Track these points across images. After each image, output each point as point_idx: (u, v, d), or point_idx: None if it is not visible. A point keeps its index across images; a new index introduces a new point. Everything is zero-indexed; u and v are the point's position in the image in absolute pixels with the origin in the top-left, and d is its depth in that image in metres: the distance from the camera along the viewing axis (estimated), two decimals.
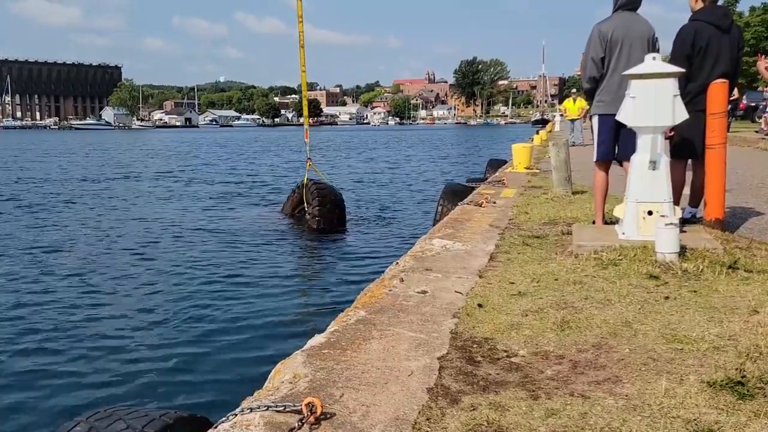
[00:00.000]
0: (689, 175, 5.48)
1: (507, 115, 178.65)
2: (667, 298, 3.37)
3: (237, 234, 11.64)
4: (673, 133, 5.12)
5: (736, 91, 5.39)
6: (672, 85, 4.34)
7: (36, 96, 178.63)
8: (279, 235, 11.71)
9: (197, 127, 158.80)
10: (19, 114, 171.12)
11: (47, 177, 23.63)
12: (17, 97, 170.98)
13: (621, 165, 5.15)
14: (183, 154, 40.83)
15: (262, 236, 11.50)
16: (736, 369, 2.36)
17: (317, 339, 2.89)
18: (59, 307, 7.04)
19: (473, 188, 10.13)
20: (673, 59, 5.07)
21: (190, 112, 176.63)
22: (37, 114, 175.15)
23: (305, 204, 12.51)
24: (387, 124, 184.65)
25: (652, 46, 4.95)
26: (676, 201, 4.83)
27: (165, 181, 22.42)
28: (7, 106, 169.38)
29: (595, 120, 5.20)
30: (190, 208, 15.24)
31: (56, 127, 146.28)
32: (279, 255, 10.01)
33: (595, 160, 5.27)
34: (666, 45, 5.47)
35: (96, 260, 9.46)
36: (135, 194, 18.31)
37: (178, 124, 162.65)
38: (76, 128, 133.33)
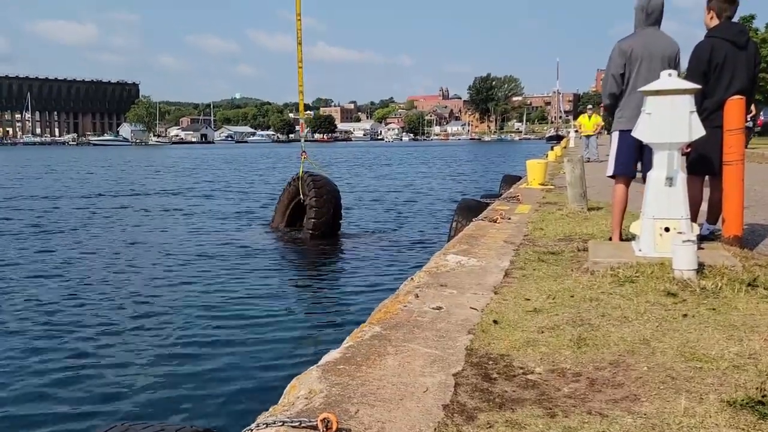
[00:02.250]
0: (707, 192, 5.44)
1: (521, 131, 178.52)
2: (685, 315, 3.33)
3: (246, 249, 11.67)
4: (689, 149, 5.10)
5: (753, 107, 5.35)
6: (688, 102, 4.33)
7: (55, 112, 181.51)
8: (288, 250, 11.74)
9: (213, 143, 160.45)
10: (38, 130, 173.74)
11: (45, 194, 23.34)
12: (37, 113, 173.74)
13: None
14: (189, 170, 41.09)
15: (272, 251, 11.55)
16: (757, 388, 2.32)
17: (332, 354, 2.89)
18: (68, 323, 7.00)
19: (488, 204, 10.10)
20: (689, 76, 5.06)
21: (206, 128, 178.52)
22: (56, 130, 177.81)
23: (302, 195, 12.59)
24: (401, 140, 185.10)
25: (675, 64, 4.94)
26: (694, 217, 4.80)
27: (167, 197, 22.41)
28: (27, 122, 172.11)
29: (615, 135, 5.21)
30: (195, 224, 15.25)
31: (74, 143, 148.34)
32: (290, 270, 10.05)
33: (608, 174, 5.28)
34: (683, 60, 5.47)
35: (108, 276, 9.50)
36: (147, 211, 18.45)
37: (193, 140, 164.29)
38: (94, 144, 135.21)
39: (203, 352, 6.08)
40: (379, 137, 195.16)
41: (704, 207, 5.44)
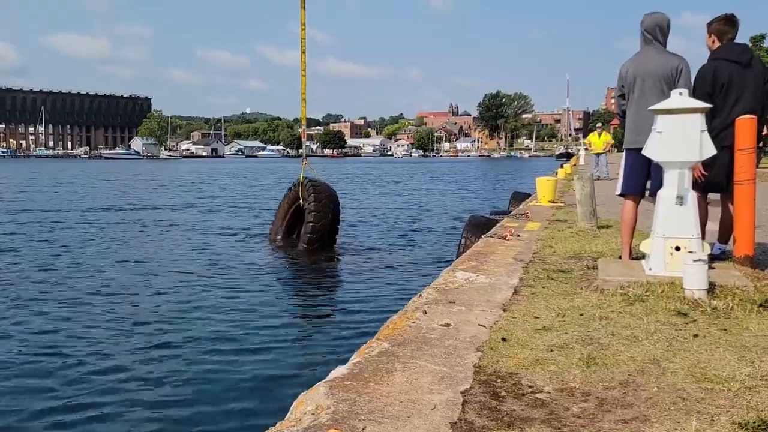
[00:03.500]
0: (712, 211, 5.41)
1: (530, 149, 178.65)
2: (696, 335, 3.30)
3: (251, 264, 11.68)
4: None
5: (766, 128, 5.33)
6: (699, 121, 4.32)
7: (68, 126, 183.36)
8: (294, 265, 11.75)
9: (223, 157, 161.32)
10: (51, 143, 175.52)
11: (47, 207, 23.22)
12: (50, 126, 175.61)
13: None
14: (193, 184, 41.24)
15: (277, 266, 11.56)
16: None
17: (340, 370, 2.88)
18: (70, 343, 6.84)
19: (497, 221, 10.09)
20: (694, 98, 5.06)
21: (217, 142, 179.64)
22: (69, 143, 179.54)
23: (301, 200, 12.92)
24: (410, 156, 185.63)
25: (672, 82, 4.93)
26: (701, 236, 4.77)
27: (168, 212, 22.34)
28: (40, 135, 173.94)
29: (623, 154, 5.33)
30: (198, 240, 15.18)
31: (86, 156, 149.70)
32: (296, 285, 10.05)
33: (617, 193, 5.34)
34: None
35: (109, 293, 9.50)
36: (159, 224, 18.53)
37: (204, 154, 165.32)
38: (106, 157, 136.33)
39: (210, 367, 6.07)
40: (388, 153, 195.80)
41: (713, 227, 5.41)
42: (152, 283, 9.90)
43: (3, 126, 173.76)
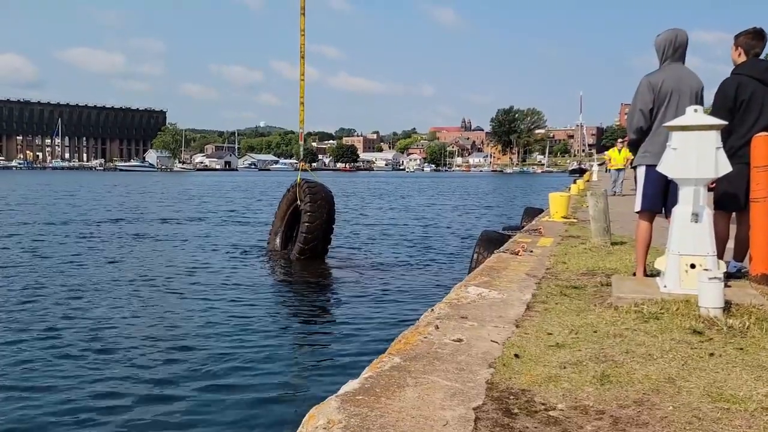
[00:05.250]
0: (733, 229, 5.36)
1: (543, 164, 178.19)
2: (711, 354, 3.26)
3: (257, 277, 11.71)
4: (714, 185, 5.05)
5: None
6: (714, 138, 4.30)
7: (84, 138, 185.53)
8: (309, 276, 11.75)
9: (236, 170, 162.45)
10: (67, 155, 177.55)
11: (50, 219, 23.12)
12: (66, 139, 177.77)
13: (667, 218, 5.08)
14: (202, 197, 41.38)
15: (289, 279, 11.56)
16: None
17: (351, 384, 2.87)
18: (74, 358, 6.74)
19: (509, 236, 10.05)
20: (715, 112, 5.03)
21: (230, 155, 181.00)
22: (84, 155, 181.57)
23: (299, 200, 13.38)
24: (422, 170, 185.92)
25: (700, 99, 4.93)
26: (720, 254, 4.72)
27: (172, 224, 22.32)
28: (57, 147, 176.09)
29: (641, 170, 5.14)
30: (205, 252, 15.21)
31: (101, 168, 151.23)
32: (307, 298, 10.03)
33: (636, 210, 5.21)
34: (707, 96, 5.45)
35: (109, 307, 9.54)
36: (164, 236, 18.61)
37: (217, 167, 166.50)
38: (121, 169, 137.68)
39: (220, 381, 6.07)
40: (400, 167, 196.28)
41: (731, 244, 5.36)
42: (156, 297, 9.93)
43: (20, 138, 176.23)
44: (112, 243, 16.64)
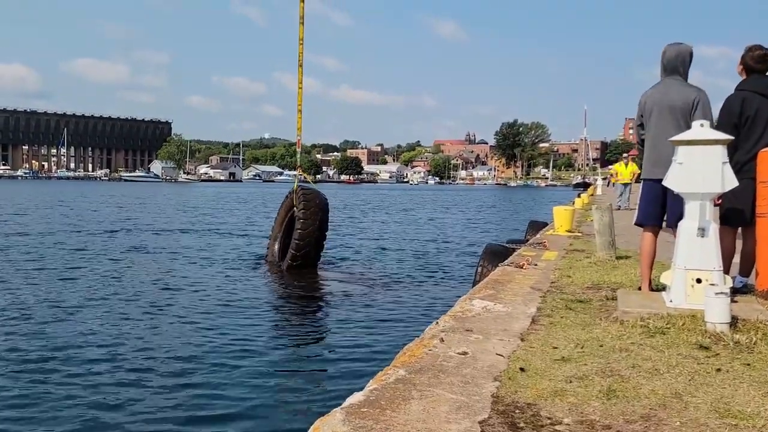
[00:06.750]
0: (740, 244, 5.35)
1: (547, 178, 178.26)
2: (719, 370, 3.24)
3: (265, 287, 11.69)
4: (720, 200, 5.05)
5: None
6: (721, 152, 4.30)
7: (90, 148, 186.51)
8: (312, 288, 11.74)
9: (241, 181, 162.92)
10: (72, 165, 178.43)
11: (46, 229, 22.87)
12: (72, 149, 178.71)
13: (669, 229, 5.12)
14: (204, 207, 41.39)
15: (293, 290, 11.54)
16: None
17: (356, 397, 2.86)
18: (75, 370, 6.63)
19: (514, 250, 10.03)
20: (719, 128, 5.02)
21: (234, 166, 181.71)
22: (90, 165, 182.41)
23: (295, 207, 13.54)
24: (427, 183, 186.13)
25: (689, 114, 4.91)
26: (726, 269, 4.70)
27: (172, 235, 22.30)
28: (62, 157, 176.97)
29: (641, 184, 5.31)
30: (204, 263, 15.12)
31: (106, 178, 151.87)
32: (310, 311, 10.01)
33: (634, 222, 5.32)
34: (713, 112, 5.45)
35: (120, 311, 9.54)
36: (163, 247, 18.62)
37: (222, 178, 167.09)
38: (126, 180, 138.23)
39: (225, 392, 6.05)
40: (404, 180, 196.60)
41: (737, 259, 5.34)
42: (160, 307, 9.93)
43: (26, 147, 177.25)
44: (112, 254, 16.60)
